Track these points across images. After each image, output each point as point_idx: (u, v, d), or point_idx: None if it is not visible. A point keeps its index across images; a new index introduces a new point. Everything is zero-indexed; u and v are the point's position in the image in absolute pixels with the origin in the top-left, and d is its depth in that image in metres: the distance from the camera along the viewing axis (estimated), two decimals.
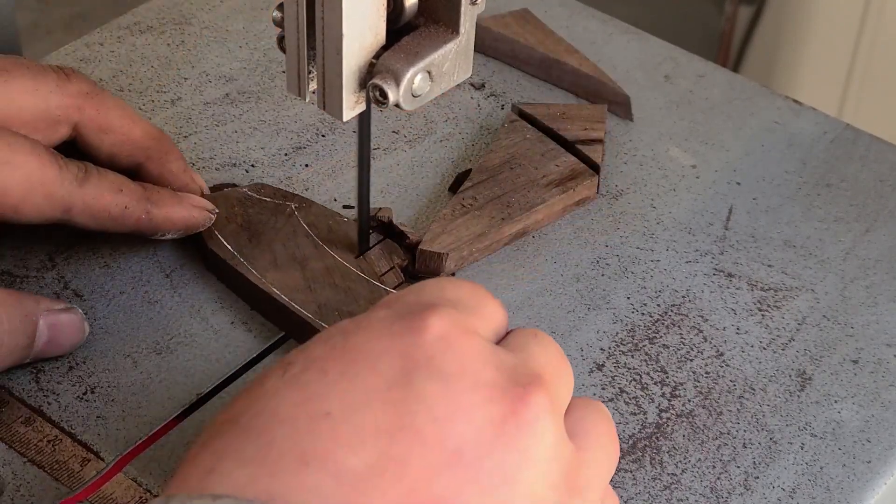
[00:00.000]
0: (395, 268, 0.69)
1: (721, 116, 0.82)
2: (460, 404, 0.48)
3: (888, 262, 0.74)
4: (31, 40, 2.11)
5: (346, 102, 0.61)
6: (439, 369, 0.49)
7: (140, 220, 0.67)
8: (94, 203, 0.65)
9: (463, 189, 0.73)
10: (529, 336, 0.53)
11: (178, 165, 0.70)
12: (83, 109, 0.68)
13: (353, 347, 0.50)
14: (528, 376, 0.50)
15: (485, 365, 0.50)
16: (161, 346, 0.66)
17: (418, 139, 0.79)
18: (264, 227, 0.70)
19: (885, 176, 0.79)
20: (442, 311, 0.50)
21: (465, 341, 0.50)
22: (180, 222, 0.68)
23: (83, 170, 0.66)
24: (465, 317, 0.51)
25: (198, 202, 0.69)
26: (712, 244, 0.74)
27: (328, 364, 0.49)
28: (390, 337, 0.50)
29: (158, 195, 0.68)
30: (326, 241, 0.69)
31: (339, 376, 0.48)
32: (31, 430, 0.62)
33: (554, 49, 0.83)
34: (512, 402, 0.49)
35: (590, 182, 0.75)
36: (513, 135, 0.77)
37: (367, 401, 0.48)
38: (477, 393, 0.49)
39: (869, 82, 1.69)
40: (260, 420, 0.48)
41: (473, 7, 0.61)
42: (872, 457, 0.64)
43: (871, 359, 0.69)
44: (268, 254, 0.69)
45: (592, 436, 0.52)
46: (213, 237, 0.69)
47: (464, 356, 0.49)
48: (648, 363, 0.68)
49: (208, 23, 0.86)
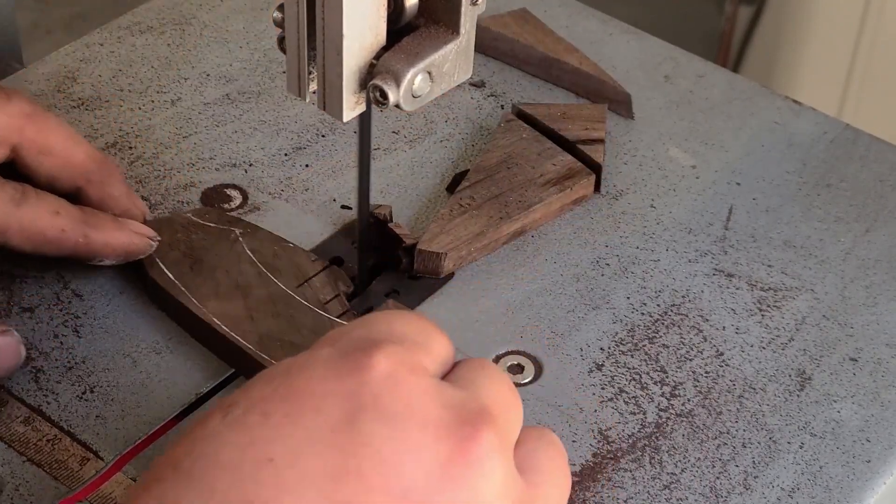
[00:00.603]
0: (339, 295, 0.67)
1: (721, 116, 0.82)
2: (407, 445, 0.47)
3: (888, 262, 0.74)
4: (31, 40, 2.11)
5: (347, 103, 0.61)
6: (385, 410, 0.48)
7: (78, 245, 0.66)
8: (30, 226, 0.64)
9: (460, 189, 0.73)
10: (477, 369, 0.52)
11: (119, 189, 0.69)
12: (23, 131, 0.66)
13: (297, 388, 0.48)
14: (476, 413, 0.49)
15: (432, 403, 0.48)
16: (161, 346, 0.66)
17: (418, 139, 0.79)
18: (207, 254, 0.68)
19: (885, 176, 0.79)
20: (387, 348, 0.49)
21: (411, 379, 0.49)
22: (120, 248, 0.67)
23: (20, 191, 0.65)
24: (412, 354, 0.50)
25: (139, 228, 0.68)
26: (712, 244, 0.74)
27: (271, 406, 0.48)
28: (335, 377, 0.48)
29: (98, 219, 0.67)
30: (270, 268, 0.68)
31: (282, 419, 0.47)
32: (30, 430, 0.62)
33: (554, 48, 0.83)
34: (459, 441, 0.48)
35: (587, 181, 0.75)
36: (509, 134, 0.77)
37: (312, 445, 0.47)
38: (424, 432, 0.48)
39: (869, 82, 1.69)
40: (200, 465, 0.47)
41: (474, 7, 0.61)
42: (872, 456, 0.64)
43: (871, 359, 0.69)
44: (210, 282, 0.67)
45: (544, 470, 0.52)
46: (154, 265, 0.68)
47: (410, 395, 0.48)
48: (648, 363, 0.68)
49: (208, 23, 0.86)
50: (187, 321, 0.66)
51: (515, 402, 0.52)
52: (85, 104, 0.79)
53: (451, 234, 0.71)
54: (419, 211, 0.75)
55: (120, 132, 0.78)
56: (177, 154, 0.76)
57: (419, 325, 0.52)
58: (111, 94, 0.80)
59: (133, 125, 0.78)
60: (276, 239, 0.70)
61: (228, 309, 0.66)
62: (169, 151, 0.77)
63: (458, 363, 0.52)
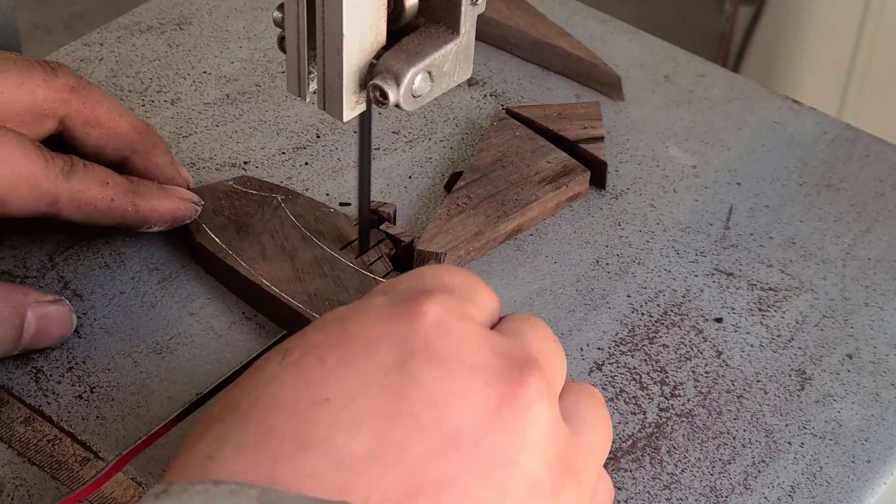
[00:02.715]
0: (383, 257, 0.69)
1: (721, 116, 0.82)
2: (457, 388, 0.49)
3: (888, 262, 0.74)
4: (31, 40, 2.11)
5: (347, 103, 0.61)
6: (436, 354, 0.49)
7: (126, 213, 0.67)
8: (80, 196, 0.66)
9: (457, 189, 0.73)
10: (523, 321, 0.54)
11: (163, 158, 0.70)
12: (69, 103, 0.68)
13: (351, 334, 0.50)
14: (524, 360, 0.50)
15: (481, 349, 0.50)
16: (161, 346, 0.66)
17: (418, 139, 0.79)
18: (251, 220, 0.70)
19: (885, 176, 0.79)
20: (438, 296, 0.51)
21: (461, 326, 0.50)
22: (167, 214, 0.69)
23: (69, 163, 0.66)
24: (461, 303, 0.52)
25: (184, 194, 0.70)
26: (712, 244, 0.74)
27: (326, 350, 0.49)
28: (387, 323, 0.50)
29: (144, 187, 0.68)
30: (314, 232, 0.70)
31: (337, 362, 0.49)
32: (30, 430, 0.62)
33: (545, 32, 0.83)
34: (508, 386, 0.49)
35: (582, 178, 0.75)
36: (502, 133, 0.77)
37: (365, 386, 0.48)
38: (474, 377, 0.49)
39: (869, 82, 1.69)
40: (259, 406, 0.48)
41: (474, 7, 0.62)
42: (872, 456, 0.64)
43: (871, 358, 0.69)
44: (256, 246, 0.69)
45: (587, 420, 0.53)
46: (201, 230, 0.70)
47: (460, 341, 0.50)
48: (648, 363, 0.68)
49: (208, 23, 0.86)
50: (236, 283, 0.68)
51: (559, 353, 0.54)
52: None
53: (450, 233, 0.71)
54: (419, 211, 0.75)
55: None
56: (177, 154, 0.76)
57: (467, 278, 0.54)
58: (111, 94, 0.80)
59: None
60: (316, 205, 0.72)
61: (276, 271, 0.68)
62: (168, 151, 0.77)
63: (505, 317, 0.54)
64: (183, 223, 0.70)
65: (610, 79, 0.82)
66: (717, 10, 1.88)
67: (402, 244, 0.70)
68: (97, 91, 0.70)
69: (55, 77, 0.68)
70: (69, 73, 0.69)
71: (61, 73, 0.68)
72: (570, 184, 0.75)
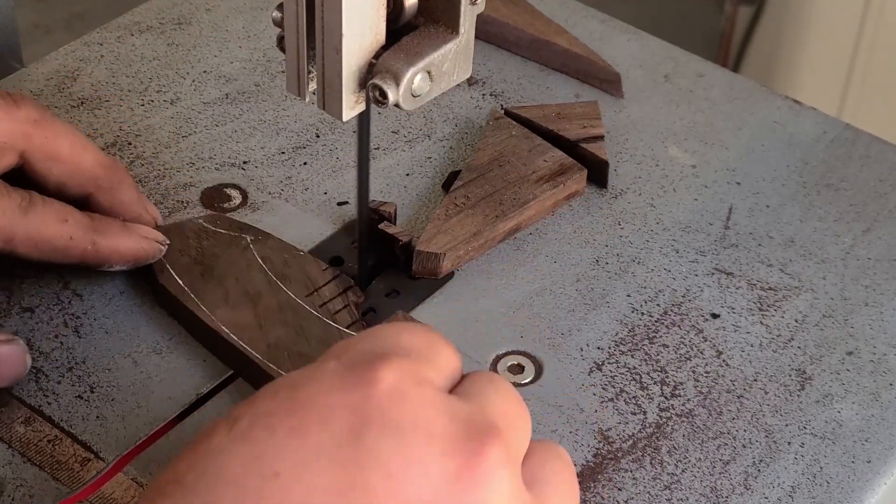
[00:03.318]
0: (349, 306, 0.67)
1: (721, 116, 0.82)
2: (414, 459, 0.47)
3: (888, 262, 0.74)
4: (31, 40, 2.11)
5: (346, 102, 0.61)
6: (392, 423, 0.47)
7: (86, 252, 0.66)
8: (37, 234, 0.64)
9: (454, 188, 0.73)
10: (486, 382, 0.51)
11: (129, 195, 0.68)
12: (31, 137, 0.66)
13: (303, 402, 0.48)
14: (484, 427, 0.48)
15: (439, 417, 0.48)
16: (161, 347, 0.66)
17: (418, 139, 0.79)
18: (218, 261, 0.68)
19: (885, 176, 0.79)
20: (394, 361, 0.49)
21: (418, 393, 0.48)
22: (128, 254, 0.67)
23: (27, 198, 0.64)
24: (419, 366, 0.49)
25: (147, 233, 0.68)
26: (712, 243, 0.74)
27: (276, 420, 0.47)
28: (341, 390, 0.48)
29: (106, 225, 0.66)
30: (280, 277, 0.68)
31: (288, 433, 0.47)
32: (30, 430, 0.62)
33: (543, 30, 0.84)
34: (467, 456, 0.47)
35: (579, 176, 0.75)
36: (499, 132, 0.77)
37: (318, 459, 0.46)
38: (431, 446, 0.47)
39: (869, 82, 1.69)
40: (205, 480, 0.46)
41: (473, 7, 0.61)
42: (872, 457, 0.64)
43: (871, 358, 0.69)
44: (220, 289, 0.67)
45: (552, 483, 0.51)
46: (164, 271, 0.68)
47: (417, 408, 0.48)
48: (648, 363, 0.68)
49: (208, 22, 0.86)
50: (196, 328, 0.66)
51: (523, 416, 0.52)
52: (85, 104, 0.79)
53: (449, 234, 0.71)
54: (419, 210, 0.74)
55: (119, 132, 0.78)
56: (176, 153, 0.76)
57: (426, 337, 0.52)
58: (111, 94, 0.80)
59: (132, 125, 0.78)
60: (286, 247, 0.70)
61: (237, 317, 0.66)
62: (168, 151, 0.77)
63: (466, 376, 0.52)
64: (146, 263, 0.68)
65: (609, 75, 0.82)
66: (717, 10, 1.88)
67: (399, 243, 0.70)
68: (62, 124, 0.67)
69: (17, 109, 0.66)
70: (32, 105, 0.66)
71: (23, 104, 0.66)
72: (568, 182, 0.75)
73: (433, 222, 0.71)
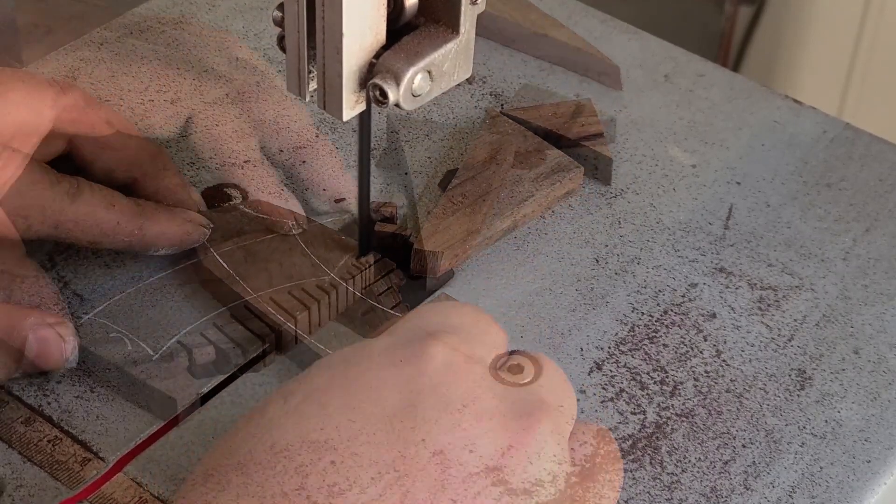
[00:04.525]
0: (392, 288, 0.68)
1: (721, 116, 0.82)
2: (464, 434, 0.48)
3: (888, 262, 0.74)
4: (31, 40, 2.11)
5: (347, 102, 0.61)
6: (443, 399, 0.48)
7: (133, 236, 0.66)
8: (85, 219, 0.65)
9: (451, 187, 0.73)
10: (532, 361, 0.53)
11: (174, 181, 0.69)
12: (78, 124, 0.67)
13: (354, 378, 0.49)
14: (532, 404, 0.50)
15: (488, 393, 0.49)
16: (161, 347, 0.66)
17: (418, 139, 0.79)
18: (260, 245, 0.69)
19: (885, 176, 0.79)
20: (445, 339, 0.50)
21: (468, 370, 0.49)
22: (174, 237, 0.68)
23: (75, 185, 0.65)
24: (468, 344, 0.51)
25: (191, 217, 0.69)
26: (712, 243, 0.74)
27: (329, 395, 0.48)
28: (392, 367, 0.49)
29: (152, 210, 0.67)
30: (323, 260, 0.69)
31: (340, 408, 0.48)
32: (30, 430, 0.62)
33: (541, 24, 0.84)
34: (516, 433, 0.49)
35: (575, 174, 0.75)
36: (494, 130, 0.77)
37: (369, 434, 0.47)
38: (481, 422, 0.48)
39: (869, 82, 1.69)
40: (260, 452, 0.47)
41: (473, 7, 0.61)
42: (872, 456, 0.64)
43: (872, 358, 0.69)
44: (263, 272, 0.68)
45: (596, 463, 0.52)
46: (209, 255, 0.69)
47: (467, 385, 0.49)
48: (648, 363, 0.68)
49: (208, 23, 0.86)
50: (240, 310, 0.67)
51: (570, 395, 0.53)
52: None
53: (446, 232, 0.71)
54: (418, 210, 0.74)
55: None
56: (176, 153, 0.76)
57: (474, 316, 0.53)
58: (111, 94, 0.80)
59: (133, 124, 0.78)
60: (327, 232, 0.71)
61: (282, 299, 0.67)
62: (169, 151, 0.77)
63: (513, 353, 0.53)
64: (190, 246, 0.69)
65: (607, 68, 0.82)
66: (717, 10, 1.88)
67: (397, 242, 0.70)
68: (108, 111, 0.69)
69: (64, 96, 0.67)
70: (79, 93, 0.68)
71: (71, 92, 0.67)
72: (564, 180, 0.75)
73: (431, 221, 0.71)
